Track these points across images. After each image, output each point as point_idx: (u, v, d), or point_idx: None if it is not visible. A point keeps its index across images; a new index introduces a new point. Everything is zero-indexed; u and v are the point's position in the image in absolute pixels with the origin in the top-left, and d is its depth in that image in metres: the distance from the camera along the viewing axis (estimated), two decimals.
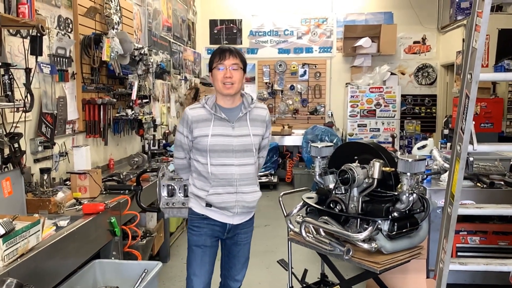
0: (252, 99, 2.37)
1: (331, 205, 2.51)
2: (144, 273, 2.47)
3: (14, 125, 2.54)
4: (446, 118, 6.35)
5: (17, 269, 1.81)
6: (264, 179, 7.08)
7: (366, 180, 2.39)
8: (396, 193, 2.33)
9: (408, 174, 2.25)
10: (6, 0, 2.36)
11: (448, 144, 4.27)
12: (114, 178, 3.43)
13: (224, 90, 2.26)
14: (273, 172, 7.23)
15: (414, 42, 7.80)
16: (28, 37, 2.67)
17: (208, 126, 2.25)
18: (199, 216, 2.35)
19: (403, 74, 7.86)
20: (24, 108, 2.52)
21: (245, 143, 2.28)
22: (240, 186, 2.29)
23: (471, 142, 1.73)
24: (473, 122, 1.71)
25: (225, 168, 2.26)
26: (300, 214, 2.71)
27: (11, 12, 2.36)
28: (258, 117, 2.35)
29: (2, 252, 1.76)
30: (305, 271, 3.08)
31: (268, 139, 2.47)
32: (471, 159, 2.96)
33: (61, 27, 3.33)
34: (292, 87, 7.94)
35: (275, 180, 7.15)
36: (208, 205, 2.31)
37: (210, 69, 2.32)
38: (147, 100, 4.64)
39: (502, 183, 3.28)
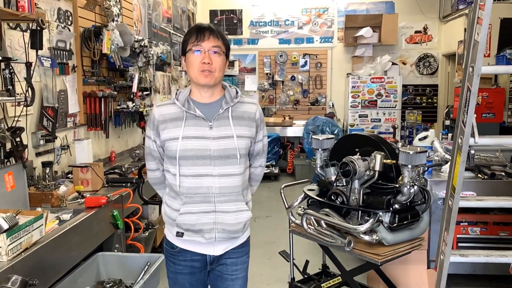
0: (237, 93, 1.87)
1: (333, 197, 2.52)
2: (147, 266, 2.49)
3: (16, 119, 2.54)
4: (447, 109, 6.34)
5: (21, 263, 1.83)
6: (265, 170, 7.08)
7: (367, 173, 2.40)
8: (397, 185, 2.34)
9: (409, 166, 2.25)
10: None
11: (449, 135, 4.27)
12: (116, 171, 3.44)
13: (201, 80, 1.77)
14: (274, 163, 7.25)
15: (416, 32, 7.75)
16: (28, 31, 2.66)
17: (178, 126, 1.77)
18: (173, 249, 1.88)
19: (404, 64, 7.83)
20: (25, 102, 2.52)
21: (227, 147, 1.77)
22: (219, 203, 1.78)
23: (473, 135, 1.73)
24: (475, 115, 1.71)
25: (200, 180, 1.76)
26: (302, 206, 2.72)
27: (10, 6, 2.35)
28: (244, 114, 1.84)
29: (6, 246, 1.77)
30: (307, 262, 3.11)
31: (262, 143, 1.95)
32: (472, 152, 2.95)
33: (61, 20, 3.32)
34: (293, 78, 7.92)
35: (276, 171, 7.16)
36: (179, 234, 1.81)
37: (184, 52, 1.81)
38: (147, 92, 4.63)
39: (503, 174, 3.28)
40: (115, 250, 2.80)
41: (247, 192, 1.92)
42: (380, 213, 2.32)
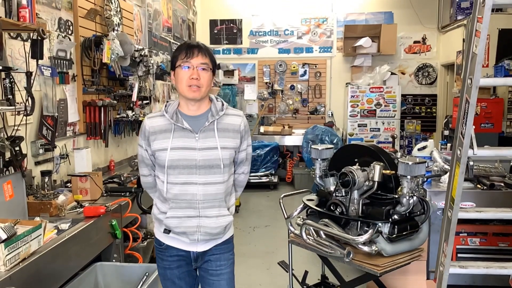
0: (222, 105, 2.02)
1: (332, 207, 2.51)
2: (145, 276, 2.48)
3: (15, 128, 2.55)
4: (446, 119, 6.35)
5: (19, 273, 1.82)
6: (264, 179, 7.09)
7: (367, 183, 2.39)
8: (396, 196, 2.34)
9: (409, 177, 2.25)
10: (7, 4, 2.37)
11: (448, 145, 4.27)
12: (115, 180, 3.43)
13: (189, 94, 1.92)
14: (273, 172, 7.24)
15: (414, 42, 7.80)
16: (29, 40, 2.67)
17: (167, 138, 1.92)
18: (161, 246, 2.05)
19: (403, 74, 7.86)
20: (25, 111, 2.53)
21: (211, 157, 1.92)
22: (203, 209, 1.94)
23: (471, 147, 1.73)
24: (473, 127, 1.71)
25: (186, 187, 1.92)
26: (301, 216, 2.71)
27: (12, 16, 2.36)
28: (229, 126, 1.98)
29: (4, 257, 1.77)
30: (306, 272, 3.09)
31: (246, 152, 2.10)
32: (471, 163, 2.95)
33: (62, 29, 3.33)
34: (292, 87, 7.94)
35: (276, 180, 7.15)
36: (166, 230, 1.98)
37: (173, 67, 1.97)
38: (147, 101, 4.64)
39: (502, 184, 3.28)
40: (114, 260, 2.79)
41: (229, 197, 2.07)
42: (379, 224, 2.31)
